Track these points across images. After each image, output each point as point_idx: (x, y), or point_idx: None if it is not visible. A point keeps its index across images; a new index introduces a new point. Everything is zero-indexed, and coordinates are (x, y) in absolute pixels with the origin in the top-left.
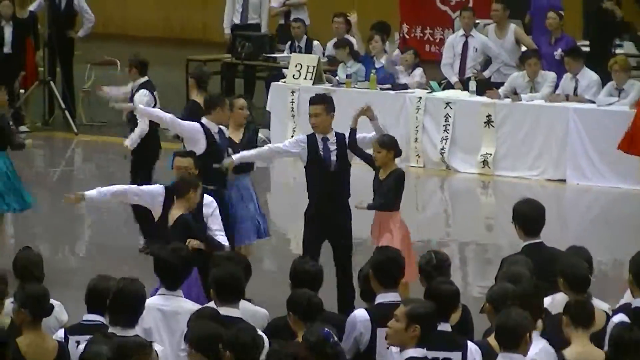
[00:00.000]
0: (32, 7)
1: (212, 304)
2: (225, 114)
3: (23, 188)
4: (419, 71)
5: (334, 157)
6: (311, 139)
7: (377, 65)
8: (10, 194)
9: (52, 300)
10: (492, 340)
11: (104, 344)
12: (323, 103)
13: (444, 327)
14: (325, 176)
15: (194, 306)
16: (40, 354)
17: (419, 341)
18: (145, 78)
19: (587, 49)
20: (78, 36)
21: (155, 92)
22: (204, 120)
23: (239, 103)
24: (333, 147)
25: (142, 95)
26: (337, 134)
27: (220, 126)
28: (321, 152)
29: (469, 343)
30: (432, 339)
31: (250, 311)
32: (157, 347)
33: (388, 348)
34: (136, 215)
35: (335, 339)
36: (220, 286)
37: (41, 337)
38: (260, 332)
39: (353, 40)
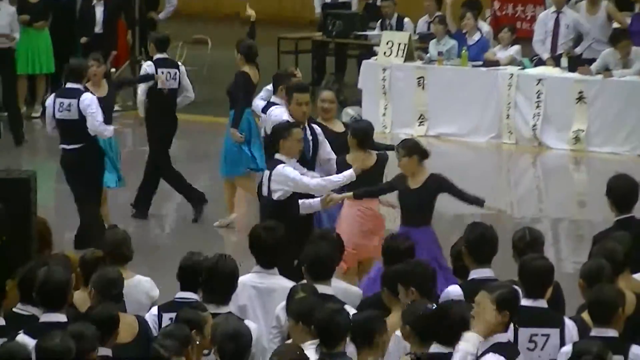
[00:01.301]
0: None
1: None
2: None
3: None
4: (515, 47)
5: (309, 147)
6: None
7: (469, 43)
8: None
9: (141, 277)
10: (586, 316)
11: (193, 316)
12: (309, 91)
13: (541, 303)
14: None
15: (289, 283)
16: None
17: (507, 326)
18: (163, 55)
19: None
20: (159, 18)
21: (173, 69)
22: (274, 99)
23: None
24: (310, 137)
25: (145, 66)
26: (309, 124)
27: None
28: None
29: (566, 319)
30: (529, 316)
31: (342, 289)
32: (251, 325)
33: None
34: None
35: None
36: (312, 264)
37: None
38: (350, 309)
39: None
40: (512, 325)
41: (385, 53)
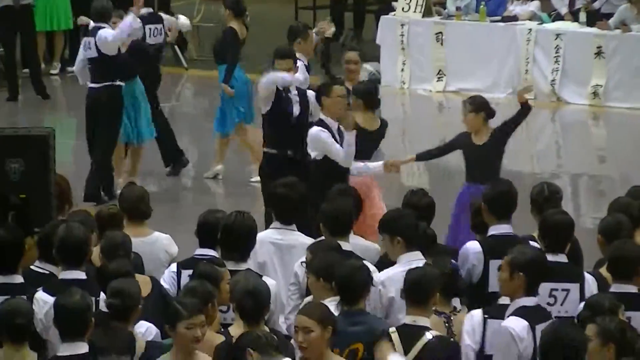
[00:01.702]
0: None
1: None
2: (308, 45)
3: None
4: (536, 2)
5: (296, 109)
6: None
7: None
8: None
9: (160, 234)
10: (604, 271)
11: (210, 271)
12: (291, 57)
13: (561, 258)
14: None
15: (308, 240)
16: None
17: (528, 289)
18: (149, 9)
19: None
20: None
21: (159, 25)
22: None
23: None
24: (295, 99)
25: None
26: (298, 88)
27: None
28: (284, 103)
29: (586, 274)
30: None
31: (361, 245)
32: (270, 281)
33: None
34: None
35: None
36: (330, 219)
37: None
38: (369, 265)
39: None
40: None
41: (403, 8)
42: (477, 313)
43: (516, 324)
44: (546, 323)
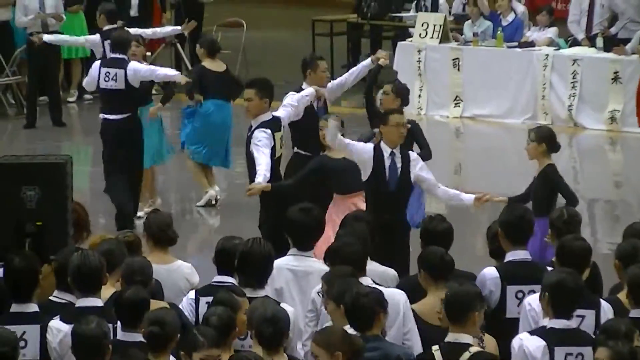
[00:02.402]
0: None
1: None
2: (319, 76)
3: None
4: (553, 29)
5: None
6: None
7: (503, 24)
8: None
9: (182, 263)
10: (622, 296)
11: (229, 299)
12: (254, 87)
13: None
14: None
15: (324, 266)
16: None
17: (554, 310)
18: (113, 25)
19: None
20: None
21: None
22: (304, 85)
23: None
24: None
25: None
26: (273, 116)
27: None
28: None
29: (602, 301)
30: None
31: (378, 272)
32: (288, 308)
33: (518, 306)
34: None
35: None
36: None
37: None
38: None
39: None
40: None
41: (420, 34)
42: None
43: (531, 343)
44: (575, 347)
